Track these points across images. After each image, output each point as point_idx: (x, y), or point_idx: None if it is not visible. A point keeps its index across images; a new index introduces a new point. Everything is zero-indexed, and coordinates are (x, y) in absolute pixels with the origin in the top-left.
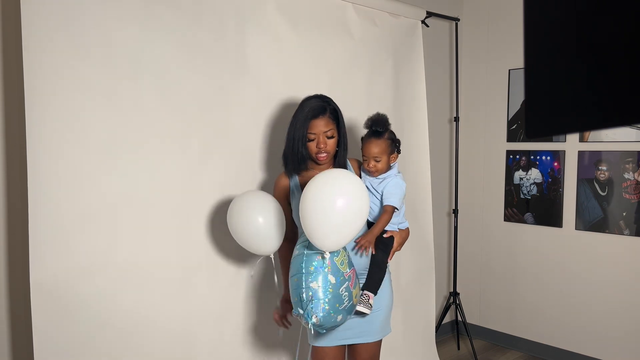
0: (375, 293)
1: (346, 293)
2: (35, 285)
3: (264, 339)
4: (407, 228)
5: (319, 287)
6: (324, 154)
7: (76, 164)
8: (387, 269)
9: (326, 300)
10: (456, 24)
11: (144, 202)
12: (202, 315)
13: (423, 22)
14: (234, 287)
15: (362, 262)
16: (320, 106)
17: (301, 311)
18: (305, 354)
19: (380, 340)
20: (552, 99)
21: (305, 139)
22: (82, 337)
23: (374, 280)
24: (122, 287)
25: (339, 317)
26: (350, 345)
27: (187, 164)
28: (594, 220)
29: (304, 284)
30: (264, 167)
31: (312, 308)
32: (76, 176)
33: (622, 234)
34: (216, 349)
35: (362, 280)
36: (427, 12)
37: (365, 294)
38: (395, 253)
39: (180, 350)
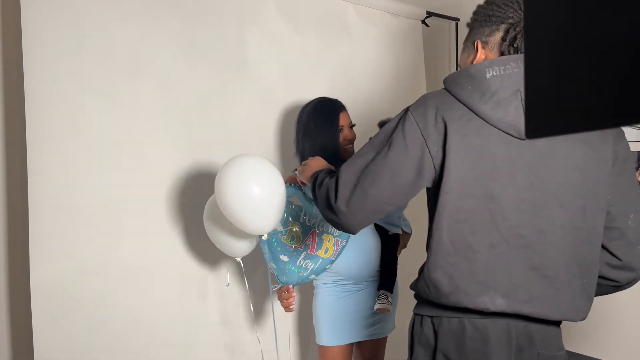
0: (391, 291)
1: (307, 260)
2: (35, 285)
3: (264, 341)
4: (410, 227)
5: (275, 267)
6: (351, 145)
7: (76, 164)
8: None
9: (288, 275)
10: (456, 24)
11: (144, 202)
12: (202, 316)
13: (423, 22)
14: (235, 288)
15: (371, 265)
16: (338, 101)
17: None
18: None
19: (386, 337)
20: (553, 99)
21: (338, 132)
22: (82, 337)
23: (389, 279)
24: (123, 287)
25: (312, 276)
26: (357, 342)
27: (187, 164)
28: None
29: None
30: None
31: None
32: (76, 176)
33: None
34: (216, 350)
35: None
36: (427, 12)
37: (383, 293)
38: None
39: (180, 350)
